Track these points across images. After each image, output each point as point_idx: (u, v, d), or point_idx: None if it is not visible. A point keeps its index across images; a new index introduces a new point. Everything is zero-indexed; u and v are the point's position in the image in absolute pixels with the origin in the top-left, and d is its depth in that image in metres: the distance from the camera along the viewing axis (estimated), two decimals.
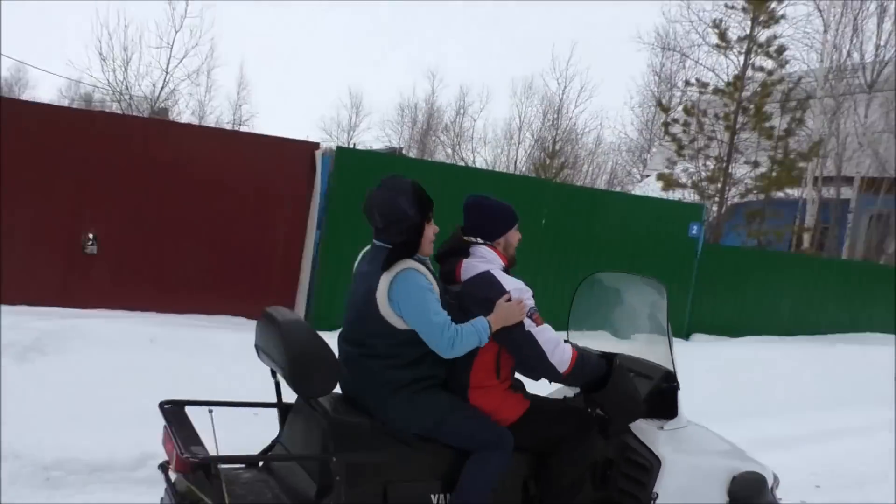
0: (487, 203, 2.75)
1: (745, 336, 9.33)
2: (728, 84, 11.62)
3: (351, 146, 22.63)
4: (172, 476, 2.35)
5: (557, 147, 23.10)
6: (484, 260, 2.64)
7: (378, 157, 10.17)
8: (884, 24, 14.92)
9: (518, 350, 2.57)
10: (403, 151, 26.25)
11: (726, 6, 12.08)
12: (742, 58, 11.52)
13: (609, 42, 39.28)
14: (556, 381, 2.71)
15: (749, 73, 11.77)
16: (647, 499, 2.76)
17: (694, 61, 19.68)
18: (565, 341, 2.69)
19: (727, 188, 11.52)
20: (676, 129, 12.09)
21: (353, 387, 2.56)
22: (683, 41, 24.47)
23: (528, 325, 2.52)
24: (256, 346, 2.66)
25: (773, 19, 11.41)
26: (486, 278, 2.57)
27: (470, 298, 2.55)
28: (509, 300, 2.49)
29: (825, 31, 14.82)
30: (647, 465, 2.79)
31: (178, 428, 2.33)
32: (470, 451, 2.47)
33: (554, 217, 7.95)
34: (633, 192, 23.20)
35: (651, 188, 13.18)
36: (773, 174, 11.75)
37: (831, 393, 7.59)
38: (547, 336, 2.55)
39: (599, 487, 2.85)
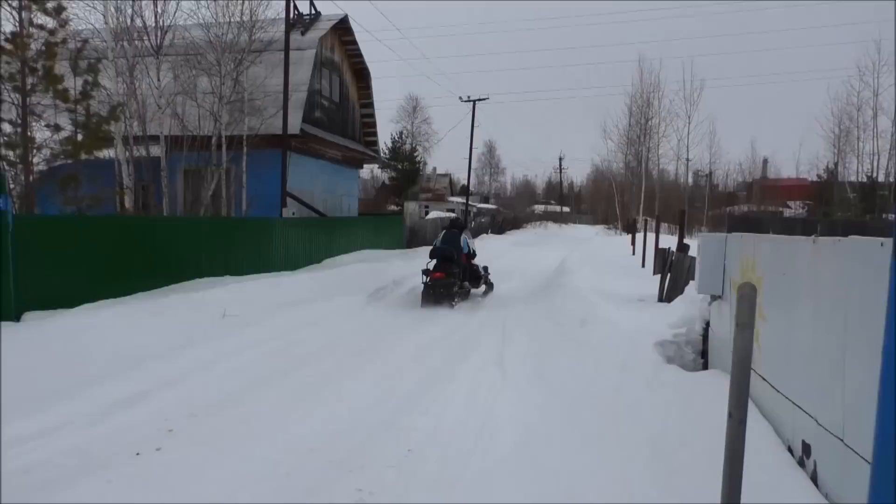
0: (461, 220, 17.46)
1: (83, 304, 9.03)
2: (7, 41, 10.52)
3: None
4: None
5: None
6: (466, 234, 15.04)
7: None
8: None
9: (472, 253, 14.51)
10: None
11: None
12: (19, 13, 10.55)
13: None
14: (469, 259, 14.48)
15: (32, 31, 10.93)
16: (478, 274, 14.53)
17: None
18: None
19: (31, 154, 10.62)
20: None
21: (452, 258, 13.13)
22: None
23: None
24: (432, 253, 13.49)
25: None
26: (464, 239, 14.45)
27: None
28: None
29: None
30: (480, 269, 14.71)
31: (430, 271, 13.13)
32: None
33: None
34: None
35: None
36: (79, 137, 11.38)
37: (160, 342, 8.00)
38: (473, 249, 14.64)
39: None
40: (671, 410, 4.53)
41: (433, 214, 40.71)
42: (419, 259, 20.36)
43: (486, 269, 15.13)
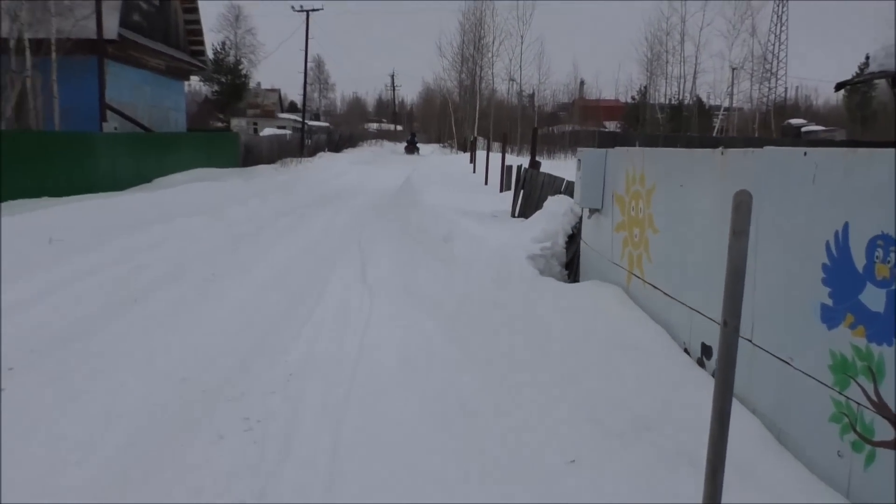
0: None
1: None
2: None
3: None
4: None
5: None
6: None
7: None
8: None
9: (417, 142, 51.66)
10: None
11: None
12: None
13: None
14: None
15: None
16: (418, 149, 49.62)
17: None
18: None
19: None
20: None
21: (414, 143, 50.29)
22: None
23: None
24: (407, 142, 51.59)
25: None
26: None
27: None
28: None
29: None
30: (419, 147, 49.66)
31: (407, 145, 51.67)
32: None
33: None
34: None
35: None
36: None
37: None
38: (417, 141, 51.63)
39: None
40: (562, 319, 4.61)
41: (267, 131, 38.87)
42: (259, 178, 19.53)
43: (419, 147, 48.63)
